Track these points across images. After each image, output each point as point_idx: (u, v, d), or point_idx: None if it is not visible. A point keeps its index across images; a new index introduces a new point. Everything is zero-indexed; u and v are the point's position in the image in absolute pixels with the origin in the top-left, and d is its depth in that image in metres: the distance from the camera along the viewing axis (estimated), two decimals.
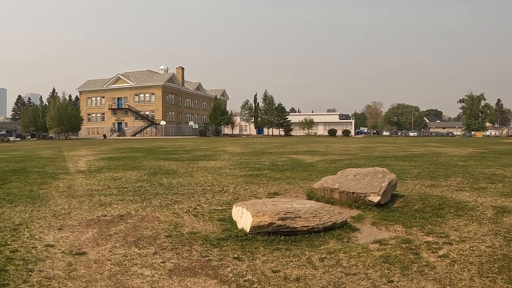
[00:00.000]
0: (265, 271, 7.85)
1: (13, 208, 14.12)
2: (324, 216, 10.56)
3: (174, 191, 17.18)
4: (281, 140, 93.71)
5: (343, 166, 25.18)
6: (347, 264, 8.13)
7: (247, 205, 10.88)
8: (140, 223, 11.83)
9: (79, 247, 9.63)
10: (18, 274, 7.93)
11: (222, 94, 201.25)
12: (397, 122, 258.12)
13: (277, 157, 35.01)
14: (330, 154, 38.79)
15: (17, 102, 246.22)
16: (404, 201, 14.04)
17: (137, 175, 22.91)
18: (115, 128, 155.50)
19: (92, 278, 7.73)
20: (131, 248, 9.50)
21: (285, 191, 16.88)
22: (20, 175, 23.87)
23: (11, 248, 9.56)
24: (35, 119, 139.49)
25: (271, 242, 9.56)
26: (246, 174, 22.36)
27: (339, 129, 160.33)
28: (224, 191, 17.07)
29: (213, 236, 10.27)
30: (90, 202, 15.12)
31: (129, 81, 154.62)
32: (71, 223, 12.03)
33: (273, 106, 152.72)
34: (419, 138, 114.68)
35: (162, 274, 7.87)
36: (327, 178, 15.33)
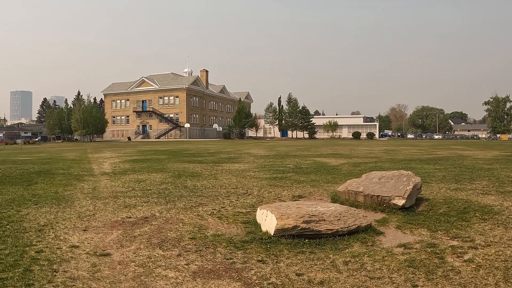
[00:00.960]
0: (289, 274, 7.84)
1: (39, 209, 14.27)
2: (348, 219, 10.52)
3: (199, 193, 17.22)
4: (305, 143, 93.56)
5: (368, 169, 25.10)
6: (372, 268, 8.10)
7: (271, 208, 10.87)
8: (165, 225, 11.87)
9: (103, 248, 9.70)
10: (43, 274, 8.01)
11: (246, 96, 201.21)
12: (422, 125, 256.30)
13: (301, 160, 34.98)
14: (354, 157, 38.67)
15: (43, 104, 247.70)
16: (429, 204, 13.94)
17: (161, 177, 22.98)
18: (139, 130, 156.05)
19: (116, 279, 7.78)
20: (155, 249, 9.54)
21: (309, 194, 16.84)
22: (46, 176, 24.07)
23: (36, 249, 9.65)
24: (60, 122, 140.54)
25: (295, 245, 9.54)
26: (270, 177, 22.34)
27: (363, 132, 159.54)
28: (248, 193, 17.07)
29: (237, 238, 10.27)
30: (114, 203, 15.21)
31: (154, 84, 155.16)
32: (96, 224, 12.11)
33: (297, 109, 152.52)
34: (443, 141, 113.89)
35: (186, 276, 7.89)
36: (352, 181, 15.28)
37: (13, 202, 15.66)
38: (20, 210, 14.12)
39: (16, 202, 15.66)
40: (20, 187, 19.62)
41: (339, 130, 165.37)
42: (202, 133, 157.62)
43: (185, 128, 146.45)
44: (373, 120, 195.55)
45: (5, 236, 10.80)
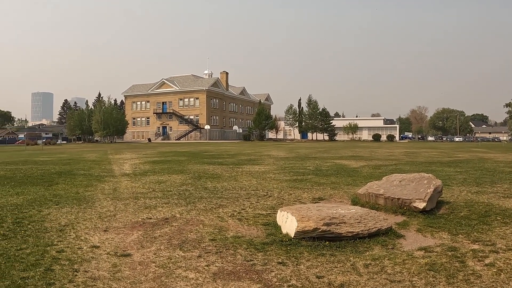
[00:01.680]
0: (309, 277, 7.82)
1: (60, 209, 14.37)
2: (369, 222, 10.49)
3: (219, 195, 17.24)
4: (325, 145, 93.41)
5: (388, 171, 25.00)
6: (392, 271, 8.07)
7: (292, 210, 10.86)
8: (185, 226, 11.89)
9: (124, 249, 9.73)
10: (64, 274, 8.05)
11: (266, 98, 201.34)
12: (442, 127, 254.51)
13: (321, 162, 34.91)
14: (374, 159, 38.54)
15: (64, 106, 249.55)
16: (450, 208, 13.86)
17: (181, 178, 23.04)
18: (159, 132, 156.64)
19: (137, 280, 7.81)
20: (175, 250, 9.55)
21: (329, 196, 16.81)
22: (67, 177, 24.24)
23: (57, 248, 9.72)
24: (81, 123, 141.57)
25: (316, 247, 9.52)
26: (290, 179, 22.32)
27: (384, 134, 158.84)
28: (269, 195, 17.06)
29: (257, 240, 10.27)
30: (135, 204, 15.27)
31: (174, 85, 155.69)
32: (116, 225, 12.16)
33: (317, 111, 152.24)
34: (464, 144, 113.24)
35: (206, 277, 7.89)
36: (372, 184, 15.23)
37: (34, 202, 15.78)
38: (41, 210, 14.22)
39: (37, 202, 15.78)
40: (41, 188, 19.76)
41: (359, 132, 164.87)
42: (222, 134, 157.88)
43: (205, 130, 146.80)
44: (394, 122, 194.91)
45: (26, 236, 10.89)
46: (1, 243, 10.19)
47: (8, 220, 12.72)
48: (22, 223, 12.38)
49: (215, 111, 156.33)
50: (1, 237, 10.77)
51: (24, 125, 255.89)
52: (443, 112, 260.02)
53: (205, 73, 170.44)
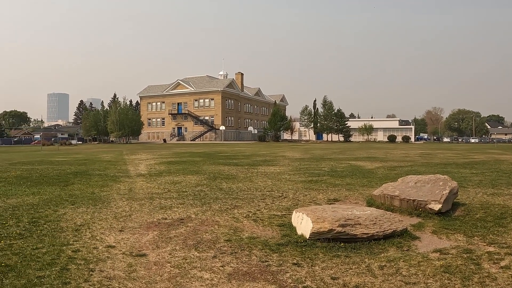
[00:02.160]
0: (324, 278, 7.83)
1: (75, 209, 14.47)
2: (384, 223, 10.48)
3: (234, 196, 17.26)
4: (340, 146, 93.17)
5: (403, 173, 24.92)
6: (407, 273, 8.05)
7: (307, 211, 10.87)
8: (200, 226, 11.93)
9: (139, 249, 9.79)
10: (80, 273, 8.13)
11: (282, 99, 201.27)
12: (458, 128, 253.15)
13: (336, 163, 34.84)
14: (389, 160, 38.40)
15: (79, 106, 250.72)
16: (466, 209, 13.80)
17: (197, 179, 23.09)
18: (175, 132, 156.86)
19: (152, 280, 7.85)
20: (190, 251, 9.59)
21: (344, 197, 16.78)
22: (82, 177, 24.36)
23: (73, 248, 9.80)
24: (97, 123, 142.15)
25: (331, 248, 9.52)
26: (305, 180, 22.30)
27: (399, 135, 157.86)
28: (284, 196, 17.06)
29: (272, 241, 10.28)
30: (150, 205, 15.34)
31: (189, 86, 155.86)
32: (132, 225, 12.23)
33: (333, 112, 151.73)
34: (480, 145, 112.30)
35: (221, 278, 7.92)
36: (388, 185, 15.20)
37: (50, 202, 15.89)
38: (57, 210, 14.32)
39: (53, 202, 15.88)
40: (57, 188, 19.87)
41: (374, 133, 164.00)
42: (237, 135, 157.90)
43: (220, 131, 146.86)
44: (409, 123, 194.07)
45: (42, 235, 10.97)
46: (18, 242, 10.29)
47: (24, 220, 12.82)
48: (38, 222, 12.48)
49: (230, 112, 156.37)
50: (17, 236, 10.87)
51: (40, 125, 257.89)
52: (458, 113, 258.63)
53: (220, 74, 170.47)
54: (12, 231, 11.41)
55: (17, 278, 7.84)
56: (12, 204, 15.68)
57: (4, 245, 10.08)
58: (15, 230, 11.52)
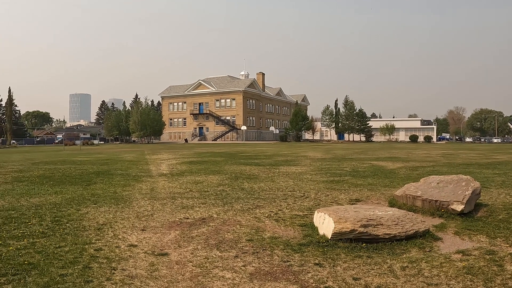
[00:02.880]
0: (346, 278, 7.81)
1: (98, 209, 14.58)
2: (406, 224, 10.44)
3: (256, 195, 17.27)
4: (362, 146, 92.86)
5: (425, 173, 24.78)
6: (429, 274, 8.01)
7: (329, 211, 10.85)
8: (222, 226, 11.95)
9: (161, 248, 9.84)
10: (102, 272, 8.19)
11: (303, 99, 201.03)
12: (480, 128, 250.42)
13: (358, 163, 34.73)
14: (411, 160, 38.18)
15: (101, 107, 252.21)
16: (488, 210, 13.68)
17: (218, 179, 23.13)
18: (196, 132, 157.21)
19: (174, 279, 7.88)
20: (212, 250, 9.62)
21: (366, 197, 16.73)
22: (104, 177, 24.51)
23: (95, 247, 9.88)
24: (118, 124, 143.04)
25: (353, 249, 9.50)
26: (327, 180, 22.26)
27: (421, 135, 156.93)
28: (306, 196, 17.04)
29: (294, 241, 10.28)
30: (172, 204, 15.39)
31: (210, 86, 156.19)
32: (154, 224, 12.29)
33: (354, 112, 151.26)
34: (503, 145, 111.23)
35: (243, 278, 7.93)
36: (410, 185, 15.13)
37: (73, 201, 16.02)
38: (80, 209, 14.43)
39: (75, 201, 16.01)
40: (79, 187, 20.01)
41: (396, 133, 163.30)
42: (258, 135, 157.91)
43: (242, 131, 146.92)
44: (431, 123, 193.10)
45: (65, 234, 11.07)
46: (41, 241, 10.38)
47: (47, 219, 12.94)
48: (60, 221, 12.60)
49: (252, 112, 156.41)
50: (40, 235, 10.97)
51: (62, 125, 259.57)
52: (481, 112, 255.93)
53: (242, 74, 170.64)
54: (35, 230, 11.53)
55: (40, 276, 7.91)
56: (35, 203, 15.82)
57: (27, 243, 10.18)
58: (38, 229, 11.63)
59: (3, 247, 9.80)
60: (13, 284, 7.56)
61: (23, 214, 13.71)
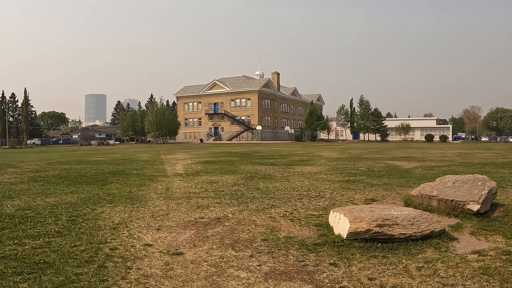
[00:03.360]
0: (361, 279, 7.79)
1: (113, 208, 14.65)
2: (422, 224, 10.39)
3: (271, 195, 17.26)
4: (377, 145, 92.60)
5: (441, 172, 24.66)
6: (445, 275, 7.97)
7: (344, 211, 10.83)
8: (237, 226, 11.96)
9: (176, 248, 9.86)
10: (117, 271, 8.22)
11: (318, 99, 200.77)
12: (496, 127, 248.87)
13: (373, 163, 34.64)
14: (427, 160, 38.01)
15: (116, 107, 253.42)
16: (505, 210, 13.57)
17: (233, 179, 23.15)
18: (211, 132, 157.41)
19: (189, 278, 7.90)
20: (227, 250, 9.63)
21: (382, 197, 16.68)
22: (120, 176, 24.61)
23: (110, 246, 9.93)
24: (134, 124, 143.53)
25: (368, 249, 9.47)
26: (342, 180, 22.21)
27: (436, 135, 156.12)
28: (321, 196, 17.01)
29: (309, 241, 10.26)
30: (187, 204, 15.43)
31: (225, 86, 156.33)
32: (169, 224, 12.32)
33: (369, 111, 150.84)
34: None
35: (258, 277, 7.93)
36: (425, 185, 15.06)
37: (88, 201, 16.11)
38: (95, 209, 14.50)
39: (91, 201, 16.10)
40: (95, 187, 20.11)
41: (411, 133, 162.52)
42: (273, 135, 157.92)
43: (257, 130, 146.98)
44: (446, 123, 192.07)
45: (80, 233, 11.13)
46: (56, 240, 10.45)
47: (62, 218, 13.02)
48: (76, 220, 12.67)
49: (267, 112, 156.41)
50: (56, 234, 11.04)
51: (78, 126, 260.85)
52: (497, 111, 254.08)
53: (256, 74, 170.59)
54: (51, 229, 11.60)
55: (55, 275, 7.95)
56: (51, 202, 15.91)
57: (43, 242, 10.24)
58: (53, 228, 11.70)
59: (19, 246, 9.88)
60: (29, 283, 7.60)
61: (39, 213, 13.80)
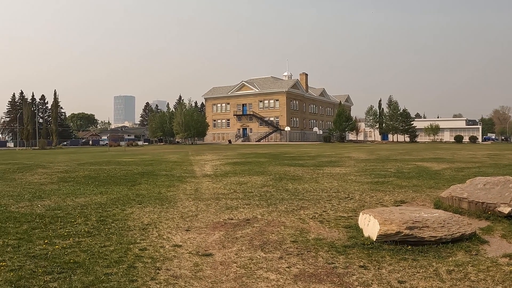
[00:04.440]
0: (391, 281, 7.75)
1: (142, 209, 14.77)
2: (452, 226, 10.31)
3: (300, 196, 17.25)
4: (406, 146, 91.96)
5: (471, 174, 24.46)
6: (475, 278, 7.90)
7: (374, 213, 10.79)
8: (266, 227, 11.96)
9: (205, 249, 9.91)
10: (146, 271, 8.29)
11: (346, 99, 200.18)
12: None
13: (402, 164, 34.42)
14: (456, 161, 37.67)
15: (145, 108, 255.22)
16: None
17: (262, 180, 23.17)
18: (240, 133, 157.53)
19: (218, 279, 7.93)
20: (256, 251, 9.64)
21: (411, 199, 16.58)
22: (149, 177, 24.76)
23: (140, 247, 10.01)
24: (162, 125, 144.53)
25: (398, 251, 9.43)
26: (371, 181, 22.14)
27: (466, 135, 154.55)
28: (350, 198, 16.97)
29: (339, 243, 10.24)
30: (216, 205, 15.49)
31: (254, 87, 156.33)
32: (198, 225, 12.38)
33: (398, 112, 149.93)
34: None
35: (287, 279, 7.93)
36: (456, 187, 14.94)
37: (117, 202, 16.24)
38: (125, 209, 14.63)
39: (120, 202, 16.23)
40: (124, 187, 20.26)
41: (440, 134, 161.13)
42: (302, 136, 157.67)
43: (285, 132, 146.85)
44: (476, 123, 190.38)
45: (110, 234, 11.24)
46: (86, 240, 10.57)
47: (92, 218, 13.15)
48: (106, 221, 12.80)
49: (295, 113, 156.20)
50: (85, 234, 11.17)
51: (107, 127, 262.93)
52: None
53: (284, 74, 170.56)
54: (80, 229, 11.73)
55: (85, 275, 8.04)
56: (81, 203, 16.08)
57: (72, 242, 10.36)
58: (83, 228, 11.84)
59: (50, 246, 10.00)
60: (59, 282, 7.69)
61: (69, 213, 13.96)
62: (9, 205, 15.75)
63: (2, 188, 20.59)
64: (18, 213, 14.20)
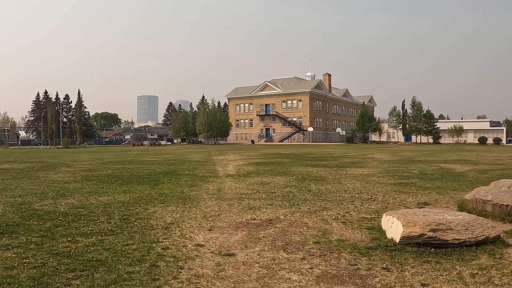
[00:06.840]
0: (414, 284, 7.70)
1: (165, 208, 14.82)
2: (476, 229, 10.22)
3: (323, 197, 17.22)
4: (429, 148, 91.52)
5: (495, 176, 24.27)
6: (499, 282, 7.82)
7: (397, 215, 10.73)
8: (289, 228, 11.95)
9: (228, 248, 9.92)
10: (169, 270, 8.32)
11: (369, 100, 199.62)
12: None
13: (426, 165, 34.26)
14: (480, 163, 37.40)
15: (168, 108, 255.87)
16: None
17: (285, 180, 23.15)
18: (262, 134, 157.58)
19: (240, 279, 7.93)
20: (279, 252, 9.63)
21: (435, 201, 16.49)
22: (172, 177, 24.85)
23: (162, 246, 10.05)
24: (185, 125, 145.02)
25: (421, 254, 9.36)
26: (395, 183, 22.05)
27: (490, 137, 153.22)
28: (373, 199, 16.92)
29: (361, 244, 10.20)
30: (239, 205, 15.51)
31: (277, 88, 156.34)
32: (221, 224, 12.40)
33: (421, 113, 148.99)
34: None
35: (309, 280, 7.91)
36: (480, 189, 14.83)
37: (140, 201, 16.32)
38: (148, 208, 14.70)
39: (143, 201, 16.31)
40: (147, 187, 20.35)
41: (464, 135, 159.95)
42: (325, 137, 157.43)
43: (308, 132, 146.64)
44: (500, 125, 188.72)
45: (133, 232, 11.29)
46: (109, 238, 10.64)
47: (115, 217, 13.24)
48: (128, 220, 12.87)
49: (318, 113, 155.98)
50: (108, 233, 11.25)
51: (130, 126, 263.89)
52: None
53: (308, 75, 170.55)
54: (103, 228, 11.81)
55: (108, 273, 8.08)
56: (104, 201, 16.19)
57: (95, 240, 10.44)
58: (106, 227, 11.92)
59: (72, 244, 10.09)
60: (81, 280, 7.74)
61: (92, 212, 14.07)
62: (33, 203, 15.91)
63: (26, 186, 20.80)
64: (41, 211, 14.34)
